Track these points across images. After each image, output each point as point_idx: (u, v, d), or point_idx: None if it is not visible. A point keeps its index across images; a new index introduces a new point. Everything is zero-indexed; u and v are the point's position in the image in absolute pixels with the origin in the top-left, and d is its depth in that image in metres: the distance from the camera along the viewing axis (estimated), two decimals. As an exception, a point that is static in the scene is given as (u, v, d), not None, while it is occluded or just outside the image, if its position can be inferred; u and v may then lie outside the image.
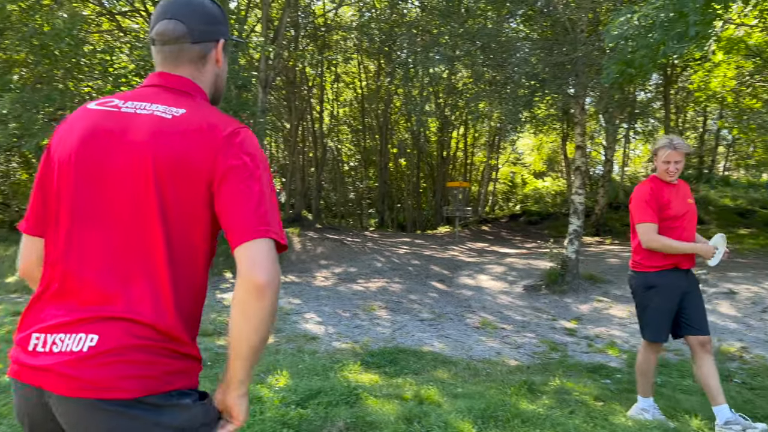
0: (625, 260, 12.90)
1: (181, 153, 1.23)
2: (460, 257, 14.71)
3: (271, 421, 3.60)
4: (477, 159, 34.06)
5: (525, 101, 11.92)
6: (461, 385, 4.91)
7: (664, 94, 20.17)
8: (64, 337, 1.18)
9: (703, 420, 3.88)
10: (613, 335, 7.55)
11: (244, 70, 12.54)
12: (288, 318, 8.13)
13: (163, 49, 1.37)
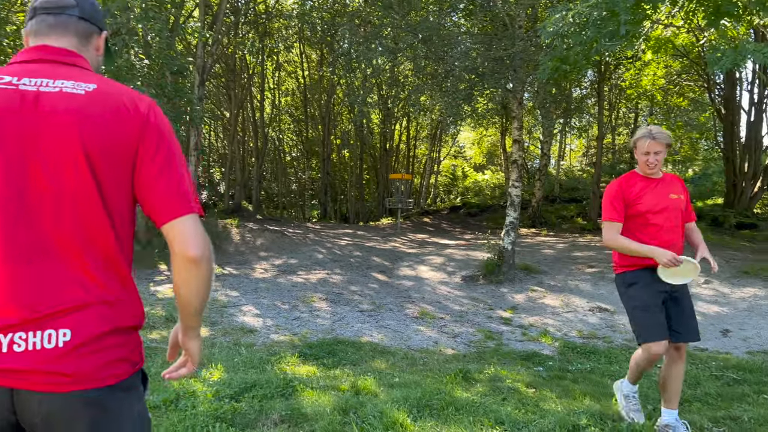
0: (559, 251, 13.33)
1: (108, 133, 1.23)
2: (401, 248, 14.82)
3: (204, 415, 3.52)
4: (419, 151, 34.36)
5: (465, 95, 12.08)
6: (398, 375, 4.95)
7: (598, 91, 20.89)
8: (26, 336, 1.16)
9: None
10: (547, 324, 7.79)
11: (180, 56, 12.16)
12: (225, 311, 7.97)
13: (48, 19, 1.32)
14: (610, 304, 8.60)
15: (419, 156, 34.46)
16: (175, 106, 10.99)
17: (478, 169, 37.13)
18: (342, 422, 3.48)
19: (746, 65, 17.10)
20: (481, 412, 3.77)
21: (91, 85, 1.27)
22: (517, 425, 3.53)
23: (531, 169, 28.85)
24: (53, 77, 1.26)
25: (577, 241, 15.89)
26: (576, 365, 5.66)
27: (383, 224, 23.50)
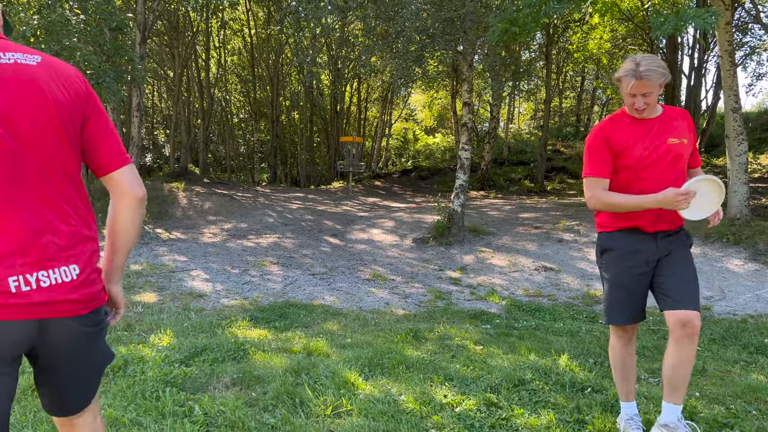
0: (507, 213, 13.62)
1: (68, 98, 1.43)
2: (352, 212, 14.82)
3: (153, 380, 3.48)
4: (370, 114, 34.13)
5: (416, 56, 11.99)
6: (350, 336, 5.01)
7: (546, 54, 21.12)
8: (48, 273, 1.37)
9: (570, 358, 4.22)
10: (494, 283, 7.99)
11: (119, 12, 11.56)
12: (173, 276, 7.84)
13: None
14: (555, 263, 8.88)
15: (370, 119, 34.25)
16: (115, 65, 10.50)
17: (429, 133, 37.24)
18: (294, 383, 3.51)
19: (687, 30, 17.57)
20: (431, 370, 3.87)
21: (37, 57, 1.44)
22: (465, 381, 3.64)
23: (480, 132, 29.13)
24: (3, 50, 1.40)
25: (524, 202, 16.25)
26: (522, 322, 5.85)
27: (335, 188, 23.39)
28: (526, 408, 3.21)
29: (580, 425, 3.01)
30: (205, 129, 25.24)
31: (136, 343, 4.48)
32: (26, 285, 1.34)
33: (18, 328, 1.36)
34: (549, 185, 21.16)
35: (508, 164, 24.68)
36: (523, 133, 33.51)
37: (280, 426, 2.91)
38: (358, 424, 2.91)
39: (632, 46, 22.15)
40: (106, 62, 9.98)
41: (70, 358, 1.51)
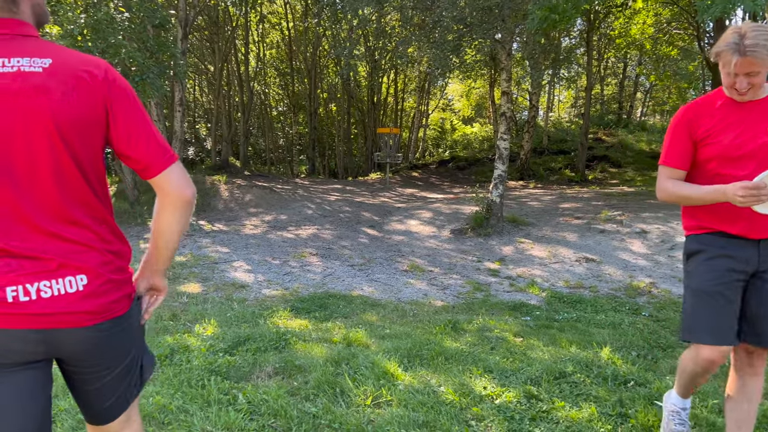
0: (547, 203, 13.43)
1: (76, 109, 1.33)
2: (390, 203, 14.85)
3: (199, 369, 3.59)
4: (407, 105, 34.03)
5: (453, 46, 11.89)
6: (389, 327, 5.04)
7: (587, 41, 20.66)
8: (49, 284, 1.33)
9: (612, 351, 4.16)
10: (534, 275, 7.91)
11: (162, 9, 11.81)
12: (216, 267, 8.01)
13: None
14: (596, 254, 8.73)
15: (407, 109, 34.16)
16: (158, 61, 10.75)
17: (466, 122, 36.90)
18: (335, 373, 3.56)
19: (736, 13, 16.93)
20: (470, 361, 3.87)
21: (47, 60, 1.33)
22: (505, 373, 3.63)
23: (519, 121, 28.74)
24: (7, 55, 1.30)
25: (564, 192, 16.00)
26: (562, 314, 5.78)
27: (372, 179, 23.46)
28: (567, 401, 3.18)
29: (622, 419, 2.97)
30: (245, 122, 25.61)
31: (182, 332, 4.61)
32: (25, 295, 1.31)
33: (18, 336, 1.34)
34: (590, 174, 20.76)
35: (548, 153, 24.31)
36: (563, 121, 32.91)
37: (321, 415, 2.97)
38: (398, 415, 2.94)
39: (677, 30, 21.49)
40: (150, 59, 10.22)
41: (90, 367, 1.47)
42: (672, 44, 22.81)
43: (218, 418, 2.89)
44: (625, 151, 23.38)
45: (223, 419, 2.87)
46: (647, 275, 7.68)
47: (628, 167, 21.46)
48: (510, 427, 2.88)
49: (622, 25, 21.52)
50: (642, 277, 7.59)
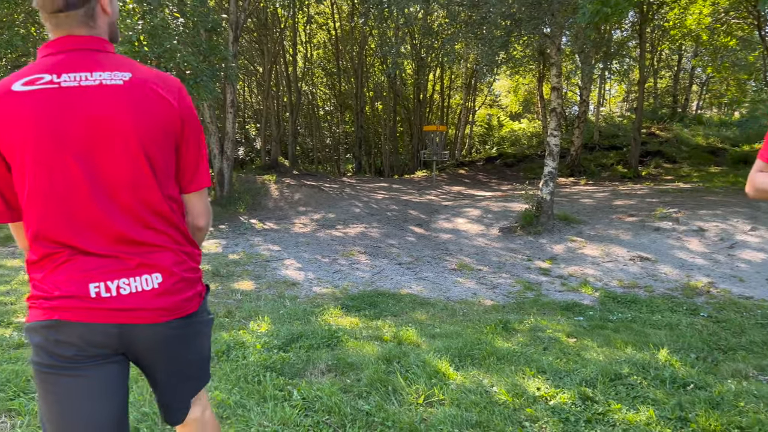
0: (598, 200, 13.13)
1: (156, 121, 1.42)
2: (437, 201, 14.81)
3: (254, 365, 3.68)
4: (454, 102, 33.80)
5: (501, 42, 11.76)
6: (439, 326, 5.05)
7: (640, 33, 20.04)
8: (128, 281, 1.42)
9: (670, 353, 4.05)
10: (587, 274, 7.76)
11: (213, 13, 12.10)
12: (268, 265, 8.17)
13: (50, 18, 1.40)
14: (651, 253, 8.49)
15: (453, 106, 33.93)
16: (211, 64, 11.02)
17: (514, 118, 36.40)
18: (386, 371, 3.59)
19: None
20: (523, 362, 3.84)
21: (126, 74, 1.41)
22: (558, 374, 3.58)
23: (569, 117, 28.15)
24: (88, 69, 1.37)
25: (617, 189, 15.60)
26: (617, 314, 5.66)
27: (418, 177, 23.44)
28: (624, 403, 3.12)
29: (682, 423, 2.90)
30: (293, 122, 25.97)
31: (237, 329, 4.73)
32: (107, 291, 1.40)
33: (99, 330, 1.41)
34: (644, 170, 20.17)
35: (600, 149, 23.72)
36: (614, 116, 32.06)
37: (374, 413, 3.00)
38: (451, 414, 2.95)
39: (736, 19, 20.61)
40: (203, 62, 10.49)
41: (162, 366, 1.55)
42: (730, 34, 21.87)
43: (274, 413, 2.96)
44: (680, 146, 22.60)
45: (279, 415, 2.94)
46: (705, 274, 7.43)
47: (684, 163, 20.74)
48: (565, 428, 2.85)
49: (677, 16, 20.79)
50: (700, 276, 7.35)
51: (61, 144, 1.35)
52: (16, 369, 3.51)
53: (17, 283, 6.67)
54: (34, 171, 1.36)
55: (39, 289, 1.43)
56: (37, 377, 1.44)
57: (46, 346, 1.41)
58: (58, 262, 1.41)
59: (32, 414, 2.92)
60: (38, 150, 1.34)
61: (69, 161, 1.36)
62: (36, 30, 11.66)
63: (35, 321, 1.41)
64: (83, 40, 1.41)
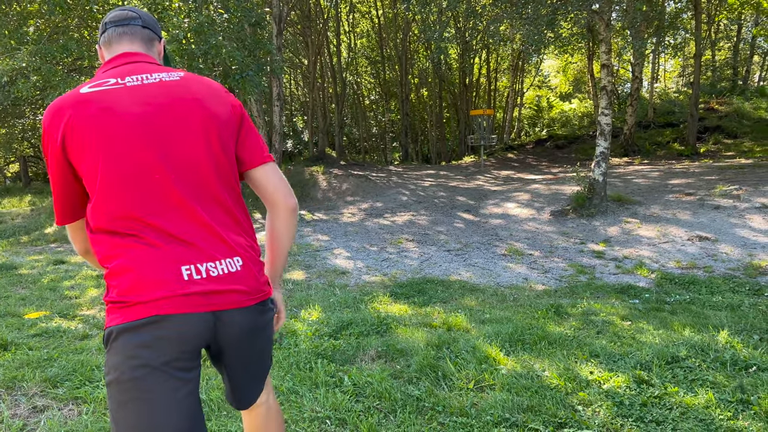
0: (654, 180, 12.70)
1: (214, 111, 1.51)
2: (485, 186, 14.65)
3: (306, 352, 3.75)
4: (501, 84, 33.27)
5: (547, 21, 11.47)
6: (489, 311, 5.01)
7: (695, 3, 19.16)
8: (214, 264, 1.44)
9: (730, 334, 3.90)
10: (642, 256, 7.54)
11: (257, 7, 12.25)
12: (318, 254, 8.28)
13: (118, 29, 1.59)
14: (711, 232, 8.17)
15: (501, 89, 33.40)
16: (256, 58, 11.19)
17: (564, 99, 35.55)
18: (436, 357, 3.60)
19: None
20: (575, 346, 3.77)
21: (180, 73, 1.54)
22: (612, 357, 3.51)
23: (622, 95, 27.27)
24: (149, 72, 1.51)
25: (673, 168, 15.05)
26: (674, 296, 5.49)
27: (466, 163, 23.22)
28: (681, 386, 3.03)
29: (744, 405, 2.79)
30: (339, 113, 26.12)
31: (289, 317, 4.83)
32: (197, 274, 1.41)
33: (197, 319, 1.41)
34: (702, 147, 19.38)
35: (654, 127, 22.90)
36: (669, 92, 30.87)
37: (424, 398, 3.01)
38: (502, 399, 2.93)
39: (801, -17, 19.45)
40: (248, 57, 10.66)
41: (243, 352, 1.58)
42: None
43: (326, 399, 3.01)
44: (741, 120, 21.57)
45: (330, 400, 2.99)
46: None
47: (745, 137, 19.80)
48: (619, 412, 2.79)
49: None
50: (763, 255, 7.03)
51: (133, 132, 1.41)
52: (82, 359, 3.69)
53: (81, 278, 6.99)
54: (109, 161, 1.39)
55: (124, 286, 1.39)
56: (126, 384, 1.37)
57: (140, 347, 1.36)
58: (143, 243, 1.40)
59: (97, 401, 3.07)
60: (112, 141, 1.40)
61: (143, 148, 1.41)
62: (89, 34, 12.10)
63: (128, 321, 1.37)
64: (140, 56, 1.58)
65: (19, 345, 4.08)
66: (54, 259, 8.35)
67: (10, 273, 7.40)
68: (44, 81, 10.37)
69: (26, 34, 10.92)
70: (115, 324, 1.38)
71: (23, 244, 10.55)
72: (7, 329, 4.58)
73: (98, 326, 4.76)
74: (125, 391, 1.37)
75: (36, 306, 5.52)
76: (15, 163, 32.16)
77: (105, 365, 1.42)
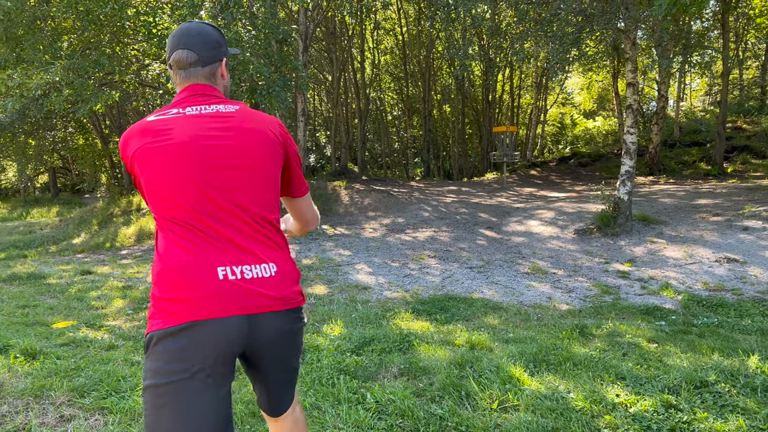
0: (680, 199, 12.52)
1: (265, 137, 1.65)
2: (508, 203, 14.58)
3: (328, 368, 3.75)
4: (524, 101, 33.21)
5: (572, 39, 11.45)
6: (512, 330, 4.96)
7: (723, 22, 18.99)
8: (250, 268, 1.54)
9: (761, 359, 3.82)
10: (668, 276, 7.42)
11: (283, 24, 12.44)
12: (340, 269, 8.30)
13: (181, 73, 1.73)
14: (739, 254, 8.02)
15: (524, 106, 33.33)
16: (282, 74, 11.34)
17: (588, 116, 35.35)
18: (459, 376, 3.57)
19: None
20: (601, 368, 3.72)
21: (237, 106, 1.70)
22: (639, 381, 3.45)
23: (647, 113, 27.03)
24: (208, 103, 1.68)
25: (700, 187, 14.83)
26: (702, 319, 5.39)
27: (488, 179, 23.15)
28: (711, 412, 2.97)
29: (776, 435, 2.72)
30: (362, 128, 26.29)
31: (311, 332, 4.84)
32: (232, 274, 1.50)
33: (233, 324, 1.48)
34: (729, 167, 19.08)
35: (680, 146, 22.63)
36: (696, 110, 30.50)
37: (447, 417, 2.99)
38: (526, 420, 2.90)
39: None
40: (275, 72, 10.81)
41: (276, 358, 1.64)
42: (825, 18, 20.40)
43: (348, 416, 3.00)
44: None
45: (353, 417, 2.98)
46: (802, 277, 6.93)
47: (775, 157, 19.47)
48: (647, 437, 2.74)
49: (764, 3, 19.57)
50: (795, 278, 6.87)
51: (185, 152, 1.56)
52: (108, 369, 3.74)
53: (107, 288, 7.09)
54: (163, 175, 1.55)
55: (164, 284, 1.50)
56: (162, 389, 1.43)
57: (178, 352, 1.43)
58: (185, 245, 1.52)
59: (123, 412, 3.10)
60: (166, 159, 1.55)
61: (192, 166, 1.55)
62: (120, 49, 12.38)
63: (168, 327, 1.44)
64: (203, 88, 1.72)
65: (47, 354, 4.15)
66: (81, 269, 8.49)
67: (39, 282, 7.54)
68: (76, 94, 10.64)
69: (60, 49, 11.23)
70: (156, 329, 1.46)
71: (51, 253, 10.75)
72: (36, 338, 4.66)
73: (124, 337, 4.82)
74: (161, 396, 1.42)
75: (64, 315, 5.61)
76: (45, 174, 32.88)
77: (143, 370, 1.47)
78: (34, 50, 11.12)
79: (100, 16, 10.79)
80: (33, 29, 11.55)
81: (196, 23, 1.78)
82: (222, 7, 9.99)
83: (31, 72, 10.31)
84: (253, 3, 11.50)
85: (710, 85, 31.74)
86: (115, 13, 10.80)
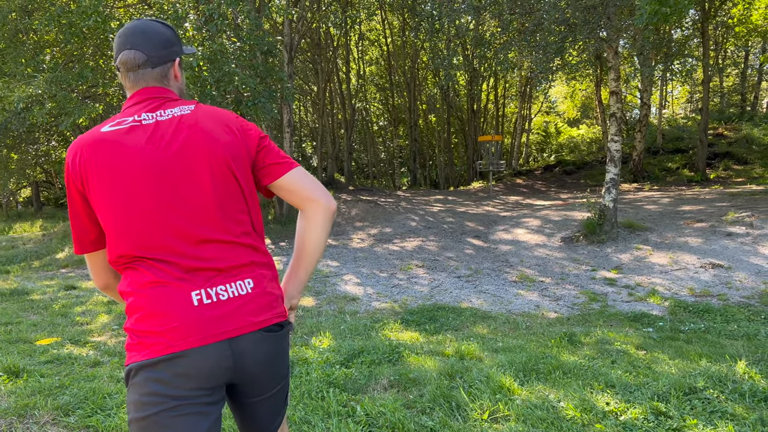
0: (664, 206, 12.64)
1: (223, 137, 1.53)
2: (494, 212, 14.63)
3: (317, 381, 3.72)
4: (509, 110, 33.45)
5: (556, 48, 11.57)
6: (501, 340, 4.96)
7: (702, 31, 19.30)
8: (224, 287, 1.45)
9: (748, 364, 3.84)
10: (655, 283, 7.47)
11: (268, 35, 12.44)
12: (328, 280, 8.27)
13: (129, 75, 1.61)
14: (724, 259, 8.10)
15: (509, 115, 33.57)
16: (268, 85, 11.33)
17: (572, 124, 35.69)
18: (449, 387, 3.56)
19: None
20: (590, 376, 3.72)
21: (191, 106, 1.59)
22: (628, 388, 3.46)
23: (630, 121, 27.34)
24: (163, 108, 1.57)
25: (683, 194, 15.00)
26: (689, 325, 5.42)
27: (474, 188, 23.24)
28: (700, 418, 2.98)
29: (766, 440, 2.73)
30: (348, 139, 26.31)
31: (300, 345, 4.80)
32: (207, 298, 1.41)
33: (214, 352, 1.40)
34: (712, 173, 19.32)
35: (663, 153, 22.89)
36: (678, 118, 30.91)
37: (438, 429, 2.97)
38: (517, 430, 2.89)
39: (808, 10, 19.58)
40: (260, 84, 10.79)
41: (262, 382, 1.54)
42: (801, 27, 20.82)
43: (339, 430, 2.97)
44: (750, 146, 21.53)
45: (343, 431, 2.95)
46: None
47: (756, 163, 19.74)
48: (638, 446, 2.74)
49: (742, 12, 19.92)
50: (779, 283, 6.95)
51: (144, 172, 1.45)
52: (93, 387, 3.67)
53: (92, 303, 7.00)
54: (118, 200, 1.44)
55: (138, 318, 1.42)
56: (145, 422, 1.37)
57: (159, 383, 1.37)
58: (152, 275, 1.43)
59: (108, 430, 3.04)
60: (123, 180, 1.45)
61: (152, 185, 1.45)
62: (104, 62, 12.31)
63: (146, 359, 1.38)
64: (156, 91, 1.60)
65: (30, 372, 4.08)
66: (65, 284, 8.37)
67: (22, 298, 7.43)
68: (59, 108, 10.54)
69: (42, 62, 11.13)
70: (135, 361, 1.39)
71: (35, 269, 10.60)
72: (19, 355, 4.58)
73: (109, 353, 4.75)
74: (145, 429, 1.37)
75: (47, 332, 5.52)
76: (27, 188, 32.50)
77: (126, 403, 1.42)
78: (16, 63, 11.01)
79: (83, 29, 10.71)
80: (15, 42, 11.45)
81: (146, 21, 1.64)
82: (206, 20, 9.98)
83: (13, 85, 10.21)
84: (238, 15, 11.49)
85: (691, 93, 32.21)
86: (98, 26, 10.73)
